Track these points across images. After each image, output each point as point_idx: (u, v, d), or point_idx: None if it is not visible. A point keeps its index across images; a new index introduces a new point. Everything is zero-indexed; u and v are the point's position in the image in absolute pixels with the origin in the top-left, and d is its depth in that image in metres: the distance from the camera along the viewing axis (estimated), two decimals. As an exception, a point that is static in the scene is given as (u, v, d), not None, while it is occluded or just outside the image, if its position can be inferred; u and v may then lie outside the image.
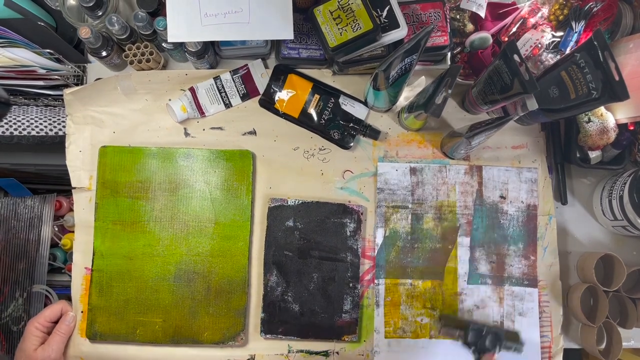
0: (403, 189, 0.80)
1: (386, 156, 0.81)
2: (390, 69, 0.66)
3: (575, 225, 0.84)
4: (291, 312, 0.75)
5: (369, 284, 0.78)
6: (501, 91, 0.69)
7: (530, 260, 0.79)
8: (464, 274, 0.79)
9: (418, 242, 0.79)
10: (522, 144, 0.82)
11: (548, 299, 0.79)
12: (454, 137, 0.76)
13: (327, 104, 0.80)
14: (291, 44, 0.78)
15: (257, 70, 0.81)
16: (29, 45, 0.73)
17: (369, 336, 0.77)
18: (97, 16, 0.73)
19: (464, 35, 0.79)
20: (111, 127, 0.79)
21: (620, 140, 0.78)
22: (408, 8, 0.75)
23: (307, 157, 0.81)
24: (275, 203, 0.77)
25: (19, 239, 0.77)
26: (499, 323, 0.77)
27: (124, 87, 0.78)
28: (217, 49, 0.79)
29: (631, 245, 0.83)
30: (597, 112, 0.76)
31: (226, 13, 0.68)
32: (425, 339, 0.77)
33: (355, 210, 0.78)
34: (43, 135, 0.76)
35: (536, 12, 0.78)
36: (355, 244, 0.77)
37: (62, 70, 0.77)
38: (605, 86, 0.62)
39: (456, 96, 0.83)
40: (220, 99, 0.80)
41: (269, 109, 0.81)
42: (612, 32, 0.80)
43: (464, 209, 0.80)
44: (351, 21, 0.67)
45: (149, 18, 0.73)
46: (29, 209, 0.78)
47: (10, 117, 0.74)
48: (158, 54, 0.78)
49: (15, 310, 0.76)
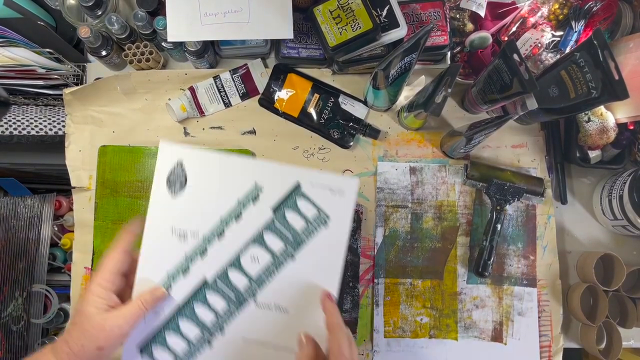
0: (403, 188, 0.80)
1: (386, 155, 0.81)
2: (390, 68, 0.66)
3: (575, 225, 0.84)
4: (291, 312, 0.75)
5: (368, 284, 0.78)
6: (501, 90, 0.69)
7: (530, 260, 0.79)
8: (464, 274, 0.79)
9: (418, 242, 0.79)
10: (521, 144, 0.82)
11: (548, 298, 0.79)
12: (454, 137, 0.76)
13: (326, 104, 0.80)
14: (291, 44, 0.78)
15: (257, 69, 0.81)
16: (28, 45, 0.73)
17: (369, 335, 0.77)
18: (96, 16, 0.73)
19: (463, 35, 0.79)
20: (111, 126, 0.79)
21: (620, 139, 0.78)
22: (408, 7, 0.75)
23: (307, 157, 0.81)
24: (275, 202, 0.77)
25: (19, 238, 0.77)
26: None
27: (124, 86, 0.78)
28: (217, 48, 0.79)
29: (631, 245, 0.83)
30: (596, 112, 0.76)
31: (226, 12, 0.68)
32: (425, 339, 0.77)
33: (355, 209, 0.77)
34: (43, 135, 0.76)
35: (536, 11, 0.78)
36: (355, 243, 0.77)
37: (62, 69, 0.77)
38: (605, 85, 0.62)
39: (456, 95, 0.83)
40: (219, 99, 0.80)
41: (269, 108, 0.81)
42: (612, 31, 0.80)
43: (463, 209, 0.80)
44: (351, 20, 0.67)
45: (149, 17, 0.73)
46: (29, 208, 0.78)
47: (10, 117, 0.74)
48: (158, 54, 0.78)
49: (15, 310, 0.76)
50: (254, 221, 0.62)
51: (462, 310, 0.78)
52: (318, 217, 0.62)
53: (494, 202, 0.77)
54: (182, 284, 0.60)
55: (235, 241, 0.62)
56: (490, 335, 0.77)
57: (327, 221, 0.62)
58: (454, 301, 0.78)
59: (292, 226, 0.62)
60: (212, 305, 0.62)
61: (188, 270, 0.61)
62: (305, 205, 0.62)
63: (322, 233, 0.61)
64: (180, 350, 0.61)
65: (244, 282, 0.61)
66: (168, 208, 0.61)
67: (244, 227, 0.62)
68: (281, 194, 0.62)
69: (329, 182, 0.61)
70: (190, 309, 0.61)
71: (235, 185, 0.62)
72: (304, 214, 0.62)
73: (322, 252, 0.61)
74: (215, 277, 0.62)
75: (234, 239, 0.61)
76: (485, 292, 0.78)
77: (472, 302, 0.78)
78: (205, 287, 0.61)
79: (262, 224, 0.62)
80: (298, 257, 0.62)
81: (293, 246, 0.62)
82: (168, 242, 0.61)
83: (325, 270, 0.61)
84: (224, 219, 0.62)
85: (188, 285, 0.61)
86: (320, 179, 0.61)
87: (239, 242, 0.62)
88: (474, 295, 0.78)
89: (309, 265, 0.61)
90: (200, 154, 0.62)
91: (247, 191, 0.62)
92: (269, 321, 0.61)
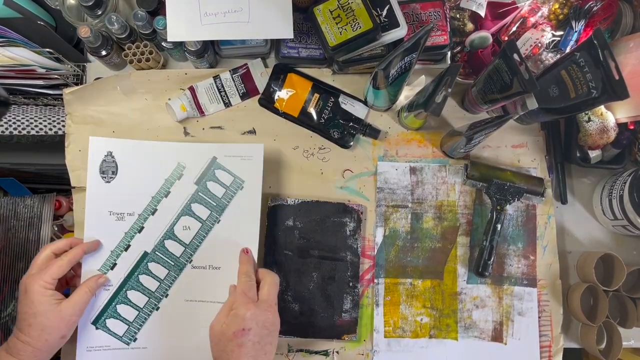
0: (403, 188, 0.80)
1: (386, 155, 0.81)
2: (390, 67, 0.66)
3: (575, 225, 0.84)
4: (291, 312, 0.75)
5: (368, 284, 0.78)
6: (501, 90, 0.69)
7: (530, 260, 0.79)
8: (464, 274, 0.79)
9: (418, 242, 0.79)
10: (521, 143, 0.82)
11: (548, 298, 0.79)
12: (454, 136, 0.76)
13: (326, 103, 0.80)
14: (291, 43, 0.78)
15: (257, 69, 0.81)
16: (28, 45, 0.73)
17: (369, 335, 0.77)
18: (96, 15, 0.73)
19: (463, 35, 0.79)
20: (111, 126, 0.79)
21: (620, 139, 0.78)
22: (408, 7, 0.75)
23: (307, 157, 0.80)
24: (275, 202, 0.77)
25: (19, 238, 0.77)
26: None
27: (124, 86, 0.78)
28: (217, 48, 0.79)
29: (631, 245, 0.83)
30: (597, 112, 0.76)
31: (226, 12, 0.68)
32: (425, 339, 0.77)
33: (355, 209, 0.78)
34: (42, 135, 0.76)
35: (536, 11, 0.78)
36: (355, 243, 0.77)
37: (62, 69, 0.77)
38: (605, 85, 0.62)
39: (456, 95, 0.83)
40: (219, 98, 0.80)
41: (269, 108, 0.81)
42: (612, 31, 0.80)
43: (463, 209, 0.80)
44: (351, 20, 0.67)
45: (149, 17, 0.73)
46: (29, 208, 0.78)
47: (10, 117, 0.74)
48: (158, 53, 0.78)
49: (15, 310, 0.76)
50: (181, 195, 0.72)
51: (462, 310, 0.78)
52: (234, 182, 0.72)
53: (494, 202, 0.77)
54: (126, 259, 0.70)
55: (167, 215, 0.72)
56: (490, 335, 0.77)
57: (243, 184, 0.73)
58: (454, 301, 0.78)
59: (214, 194, 0.73)
60: (155, 274, 0.71)
61: (129, 246, 0.71)
62: (222, 174, 0.73)
63: (239, 195, 0.73)
64: (131, 317, 0.70)
65: (179, 249, 0.72)
66: (104, 194, 0.71)
67: (173, 201, 0.72)
68: (201, 168, 0.73)
69: (239, 151, 0.73)
70: (136, 280, 0.70)
71: (161, 166, 0.72)
72: (223, 182, 0.73)
73: (242, 211, 0.72)
74: (153, 249, 0.71)
75: (166, 213, 0.72)
76: (485, 292, 0.78)
77: (472, 302, 0.78)
78: (147, 259, 0.71)
79: (188, 196, 0.72)
80: (223, 219, 0.72)
81: (217, 211, 0.72)
82: (107, 224, 0.70)
83: (246, 225, 0.72)
84: (155, 197, 0.72)
85: (131, 259, 0.70)
86: (232, 150, 0.73)
87: (170, 216, 0.72)
88: (474, 295, 0.78)
89: (232, 225, 0.72)
90: (127, 142, 0.72)
91: (172, 170, 0.72)
92: (206, 280, 0.71)
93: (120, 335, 0.69)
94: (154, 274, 0.71)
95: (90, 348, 0.68)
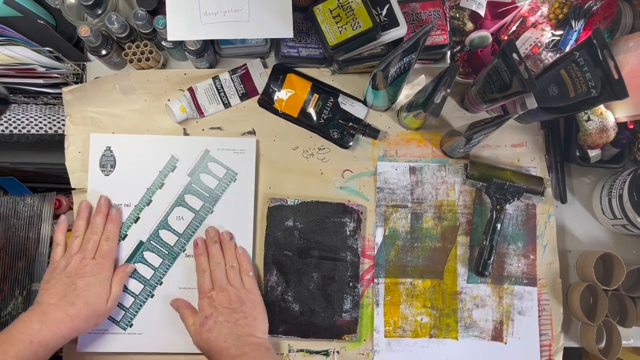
0: (402, 188, 0.80)
1: (385, 155, 0.81)
2: (389, 68, 0.66)
3: (574, 224, 0.84)
4: (291, 312, 0.75)
5: (368, 283, 0.78)
6: (500, 90, 0.69)
7: (530, 259, 0.79)
8: (464, 273, 0.79)
9: (418, 241, 0.79)
10: (521, 143, 0.82)
11: (548, 297, 0.79)
12: (454, 136, 0.76)
13: (326, 104, 0.80)
14: (291, 43, 0.78)
15: (256, 70, 0.81)
16: (28, 44, 0.73)
17: (369, 335, 0.77)
18: (96, 15, 0.73)
19: (463, 34, 0.79)
20: (110, 128, 0.79)
21: (619, 138, 0.78)
22: (408, 7, 0.75)
23: (307, 157, 0.80)
24: (275, 203, 0.77)
25: (19, 237, 0.77)
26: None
27: (123, 86, 0.78)
28: (217, 47, 0.79)
29: (631, 244, 0.83)
30: (596, 111, 0.76)
31: (226, 11, 0.68)
32: (425, 339, 0.77)
33: (354, 209, 0.78)
34: (42, 134, 0.76)
35: (536, 10, 0.78)
36: (355, 244, 0.77)
37: (62, 68, 0.77)
38: (605, 85, 0.62)
39: (455, 95, 0.83)
40: (219, 99, 0.80)
41: (268, 108, 0.81)
42: (612, 30, 0.80)
43: (463, 208, 0.80)
44: (351, 20, 0.67)
45: (149, 17, 0.73)
46: (29, 207, 0.78)
47: (10, 116, 0.74)
48: (158, 53, 0.78)
49: (15, 309, 0.76)
50: (174, 187, 0.75)
51: (463, 310, 0.78)
52: (227, 174, 0.75)
53: (493, 201, 0.77)
54: (123, 248, 0.74)
55: (162, 206, 0.75)
56: (490, 334, 0.77)
57: (235, 177, 0.76)
58: (454, 301, 0.78)
59: (207, 186, 0.76)
60: (150, 262, 0.74)
61: (126, 235, 0.74)
62: (215, 166, 0.76)
63: (232, 187, 0.76)
64: (127, 304, 0.73)
65: (173, 238, 0.75)
66: (103, 186, 0.75)
67: (167, 193, 0.75)
68: (194, 160, 0.76)
69: (232, 145, 0.76)
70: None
71: (155, 159, 0.76)
72: (215, 174, 0.76)
73: (235, 202, 0.75)
74: (149, 238, 0.74)
75: (160, 204, 0.75)
76: (485, 291, 0.78)
77: (472, 302, 0.78)
78: (142, 248, 0.74)
79: (182, 188, 0.75)
80: (216, 210, 0.75)
81: (210, 202, 0.75)
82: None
83: (239, 217, 0.75)
84: (150, 189, 0.75)
85: (128, 248, 0.74)
86: (225, 143, 0.76)
87: (164, 206, 0.75)
88: (474, 295, 0.78)
89: (225, 216, 0.75)
90: (124, 137, 0.76)
91: (166, 163, 0.76)
92: None
93: (117, 320, 0.73)
94: (149, 262, 0.74)
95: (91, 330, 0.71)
